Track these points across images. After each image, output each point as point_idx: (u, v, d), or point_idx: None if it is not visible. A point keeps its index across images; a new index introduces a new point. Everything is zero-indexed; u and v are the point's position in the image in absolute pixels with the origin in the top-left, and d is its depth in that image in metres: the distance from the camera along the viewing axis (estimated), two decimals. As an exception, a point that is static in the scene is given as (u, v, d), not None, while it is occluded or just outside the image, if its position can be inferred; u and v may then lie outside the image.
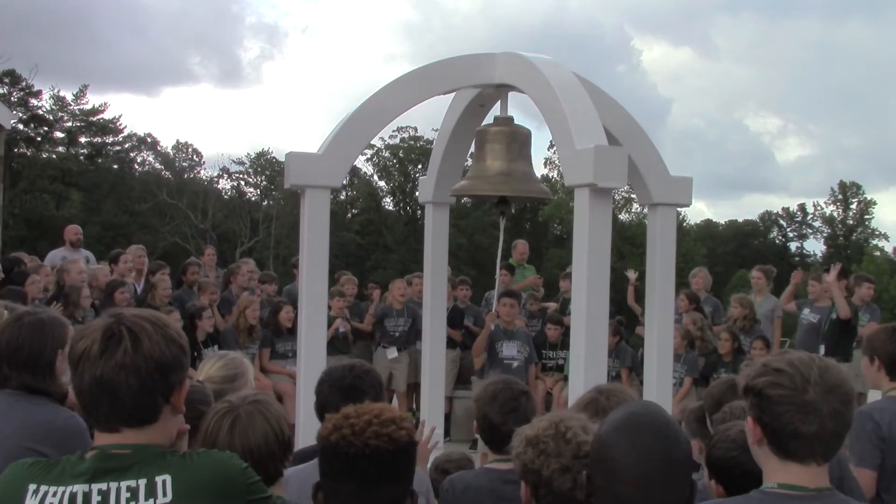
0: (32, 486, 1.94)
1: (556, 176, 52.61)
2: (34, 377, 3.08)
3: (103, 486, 1.91)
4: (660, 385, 5.37)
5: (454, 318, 9.56)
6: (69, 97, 50.31)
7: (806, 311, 9.61)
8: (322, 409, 3.18)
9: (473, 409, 3.43)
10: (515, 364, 8.74)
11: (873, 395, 4.17)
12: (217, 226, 52.90)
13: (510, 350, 8.84)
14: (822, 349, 8.71)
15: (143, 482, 1.91)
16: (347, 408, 2.35)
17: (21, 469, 2.00)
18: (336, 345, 9.43)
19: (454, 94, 5.69)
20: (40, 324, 3.14)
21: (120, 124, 53.32)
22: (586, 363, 4.47)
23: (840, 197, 71.90)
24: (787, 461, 2.11)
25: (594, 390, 2.98)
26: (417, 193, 6.54)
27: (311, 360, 5.04)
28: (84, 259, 9.98)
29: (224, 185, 59.48)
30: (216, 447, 2.45)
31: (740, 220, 72.73)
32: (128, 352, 1.89)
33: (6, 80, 45.89)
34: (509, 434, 3.23)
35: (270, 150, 59.49)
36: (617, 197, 48.48)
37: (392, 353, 10.16)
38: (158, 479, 1.92)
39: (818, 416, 2.06)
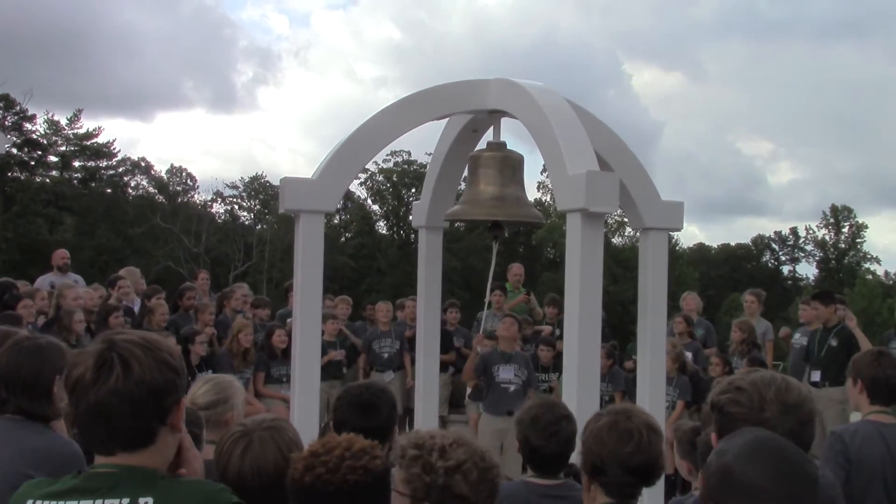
0: (30, 502, 2.02)
1: (549, 200, 52.78)
2: (31, 401, 3.10)
3: (89, 502, 1.95)
4: (653, 409, 5.36)
5: (442, 341, 9.59)
6: (63, 121, 50.52)
7: (797, 335, 9.68)
8: (338, 426, 3.22)
9: (504, 430, 3.48)
10: (512, 388, 8.57)
11: (855, 418, 4.22)
12: (210, 250, 52.85)
13: (507, 373, 8.68)
14: (812, 373, 8.76)
15: (126, 501, 1.94)
16: (313, 444, 2.32)
17: (29, 487, 2.08)
18: (329, 370, 9.44)
19: (447, 119, 5.74)
20: (38, 349, 3.17)
21: (114, 148, 53.49)
22: (579, 387, 4.48)
23: (832, 220, 72.28)
24: None
25: (610, 413, 2.93)
26: (411, 217, 6.57)
27: (305, 384, 5.04)
28: (73, 282, 10.00)
29: (218, 209, 59.62)
30: (228, 469, 2.51)
31: (733, 243, 73.09)
32: (119, 378, 1.93)
33: (0, 105, 45.97)
34: (551, 456, 3.30)
35: (264, 174, 59.75)
36: (610, 220, 48.68)
37: (388, 375, 10.19)
38: (141, 501, 1.94)
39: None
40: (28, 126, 48.47)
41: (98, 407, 1.95)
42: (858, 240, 71.34)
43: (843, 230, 71.98)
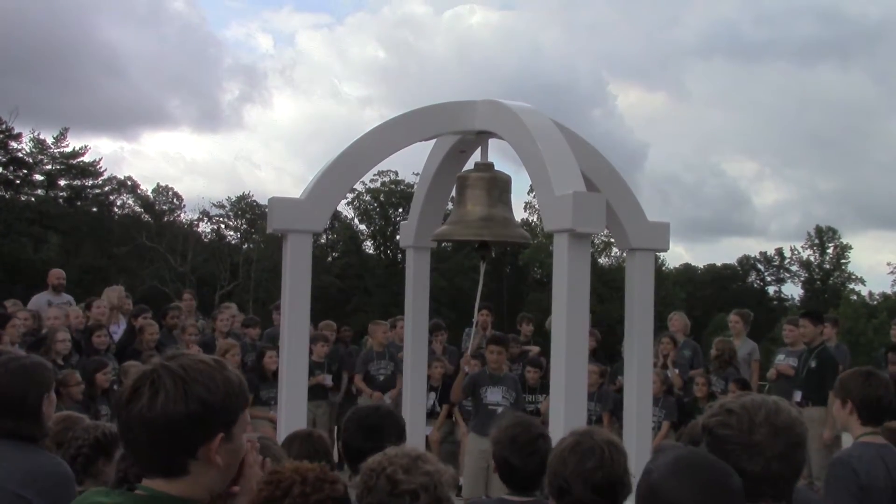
0: None
1: (536, 220, 52.91)
2: (19, 422, 3.08)
3: None
4: (639, 429, 5.39)
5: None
6: (49, 140, 50.37)
7: (781, 356, 9.69)
8: (346, 448, 3.28)
9: (491, 451, 3.52)
10: (500, 410, 8.33)
11: (846, 438, 4.15)
12: (196, 269, 52.67)
13: (495, 395, 8.59)
14: (797, 394, 8.79)
15: None
16: (261, 487, 2.21)
17: (88, 495, 2.09)
18: (315, 390, 9.42)
19: (435, 139, 5.77)
20: (24, 369, 3.15)
21: (100, 167, 53.37)
22: (566, 407, 4.50)
23: (816, 241, 72.72)
24: None
25: (574, 434, 3.01)
26: (398, 237, 6.59)
27: (292, 404, 5.05)
28: (66, 303, 10.00)
29: (204, 228, 59.46)
30: None
31: (719, 264, 73.34)
32: (143, 406, 1.90)
33: (-14, 123, 45.87)
34: (529, 475, 3.34)
35: (250, 193, 59.66)
36: (596, 241, 48.81)
37: (386, 398, 10.15)
38: None
39: (763, 457, 2.13)
40: (14, 144, 48.36)
41: (123, 430, 1.95)
42: (843, 260, 71.83)
43: (827, 251, 72.45)
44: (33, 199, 50.00)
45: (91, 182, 53.67)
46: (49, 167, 50.98)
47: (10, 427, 3.07)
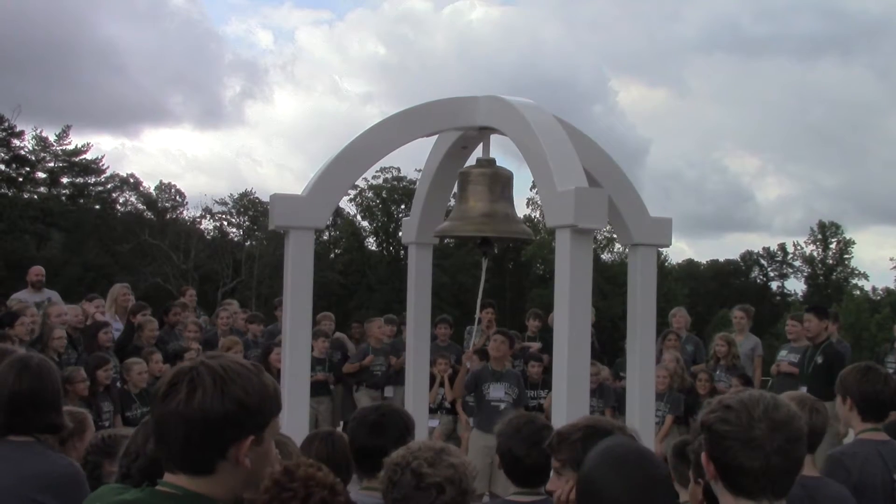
0: None
1: (538, 216, 52.91)
2: (58, 416, 3.15)
3: None
4: (642, 424, 5.38)
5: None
6: (52, 137, 50.44)
7: (783, 352, 9.66)
8: (351, 445, 3.34)
9: (494, 447, 3.52)
10: (503, 406, 8.45)
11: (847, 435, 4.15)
12: (199, 266, 52.69)
13: (497, 392, 8.58)
14: (802, 390, 8.75)
15: None
16: (265, 486, 2.20)
17: (104, 490, 2.13)
18: (317, 387, 9.42)
19: (437, 135, 5.77)
20: (47, 364, 3.22)
21: (102, 165, 53.42)
22: (568, 402, 4.50)
23: (819, 237, 72.67)
24: (739, 497, 2.17)
25: (586, 427, 2.97)
26: (400, 234, 6.59)
27: (294, 399, 5.04)
28: (47, 299, 9.90)
29: (206, 225, 59.50)
30: None
31: (721, 259, 73.30)
32: (180, 402, 1.90)
33: (-12, 121, 45.93)
34: (533, 467, 3.32)
35: (253, 190, 59.67)
36: (599, 237, 48.81)
37: (388, 391, 10.16)
38: None
39: (762, 452, 2.12)
40: (16, 142, 48.44)
41: (158, 425, 1.96)
42: (846, 255, 71.79)
43: (830, 246, 72.41)
44: (36, 196, 50.08)
45: (93, 179, 53.73)
46: (51, 165, 51.04)
47: (46, 421, 3.12)
